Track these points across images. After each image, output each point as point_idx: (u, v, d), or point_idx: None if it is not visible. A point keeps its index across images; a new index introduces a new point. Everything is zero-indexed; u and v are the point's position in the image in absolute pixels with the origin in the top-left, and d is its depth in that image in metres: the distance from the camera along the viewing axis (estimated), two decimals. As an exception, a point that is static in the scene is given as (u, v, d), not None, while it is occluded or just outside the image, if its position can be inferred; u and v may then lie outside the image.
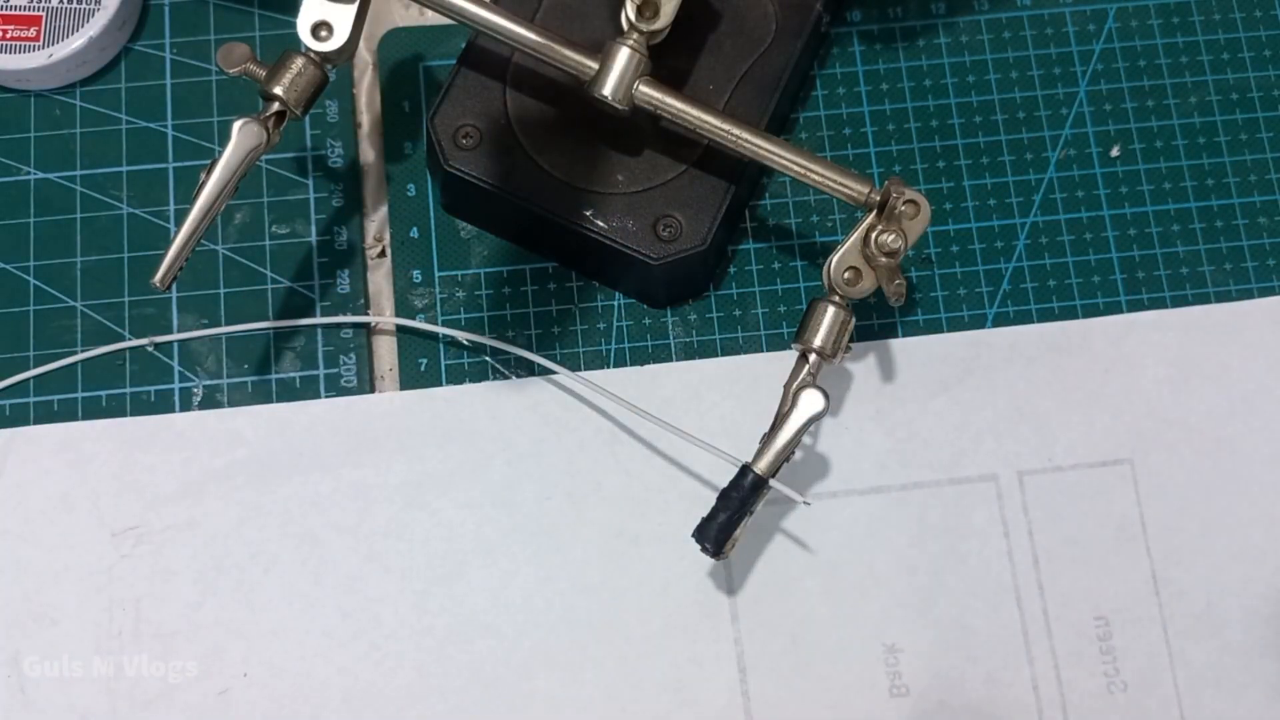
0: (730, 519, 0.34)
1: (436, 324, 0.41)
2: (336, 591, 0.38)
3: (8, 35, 0.42)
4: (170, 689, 0.37)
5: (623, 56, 0.36)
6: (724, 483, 0.35)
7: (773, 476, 0.35)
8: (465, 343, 0.41)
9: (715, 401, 0.40)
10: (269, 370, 0.40)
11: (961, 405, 0.40)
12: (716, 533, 0.35)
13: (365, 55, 0.44)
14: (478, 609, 0.38)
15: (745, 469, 0.35)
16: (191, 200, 0.35)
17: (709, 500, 0.35)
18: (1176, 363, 0.41)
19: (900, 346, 0.41)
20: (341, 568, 0.38)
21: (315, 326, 0.41)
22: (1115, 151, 0.43)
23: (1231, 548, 0.39)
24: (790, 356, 0.37)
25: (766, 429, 0.36)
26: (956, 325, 0.41)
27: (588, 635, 0.38)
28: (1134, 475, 0.39)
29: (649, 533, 0.39)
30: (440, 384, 0.40)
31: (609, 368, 0.41)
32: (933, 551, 0.39)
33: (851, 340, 0.37)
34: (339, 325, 0.41)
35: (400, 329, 0.41)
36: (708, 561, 0.38)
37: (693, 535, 0.35)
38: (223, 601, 0.38)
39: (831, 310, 0.36)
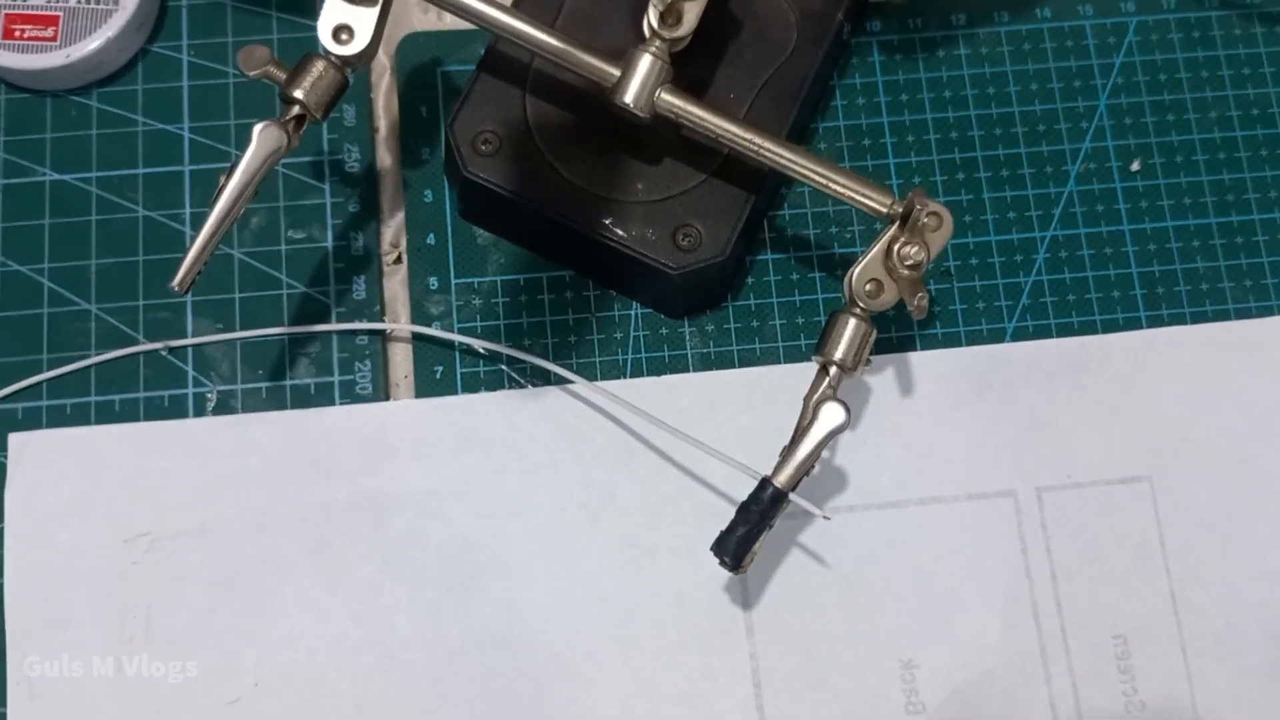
0: (749, 532, 0.34)
1: (452, 331, 0.40)
2: (350, 600, 0.38)
3: (25, 35, 0.41)
4: (180, 697, 0.37)
5: (645, 64, 0.36)
6: (740, 495, 0.35)
7: (793, 490, 0.35)
8: (481, 351, 0.40)
9: (732, 413, 0.40)
10: (284, 376, 0.40)
11: (980, 420, 0.40)
12: (735, 546, 0.34)
13: (383, 60, 0.43)
14: (491, 619, 0.38)
15: (765, 482, 0.35)
16: (211, 203, 0.35)
17: (725, 512, 0.35)
18: (1196, 380, 0.40)
19: (918, 360, 0.40)
20: (355, 576, 0.38)
21: (330, 332, 0.41)
22: (1135, 166, 0.43)
23: (1251, 567, 0.39)
24: (807, 368, 0.36)
25: (783, 441, 0.35)
26: (975, 339, 0.41)
27: (602, 647, 0.38)
28: (1153, 493, 0.39)
29: (664, 544, 0.39)
30: (456, 392, 0.40)
31: (625, 378, 0.40)
32: (950, 567, 0.38)
33: (871, 353, 0.36)
34: (354, 331, 0.41)
35: (416, 336, 0.41)
36: (723, 574, 0.38)
37: (711, 549, 0.35)
38: (234, 609, 0.38)
39: (852, 322, 0.36)
